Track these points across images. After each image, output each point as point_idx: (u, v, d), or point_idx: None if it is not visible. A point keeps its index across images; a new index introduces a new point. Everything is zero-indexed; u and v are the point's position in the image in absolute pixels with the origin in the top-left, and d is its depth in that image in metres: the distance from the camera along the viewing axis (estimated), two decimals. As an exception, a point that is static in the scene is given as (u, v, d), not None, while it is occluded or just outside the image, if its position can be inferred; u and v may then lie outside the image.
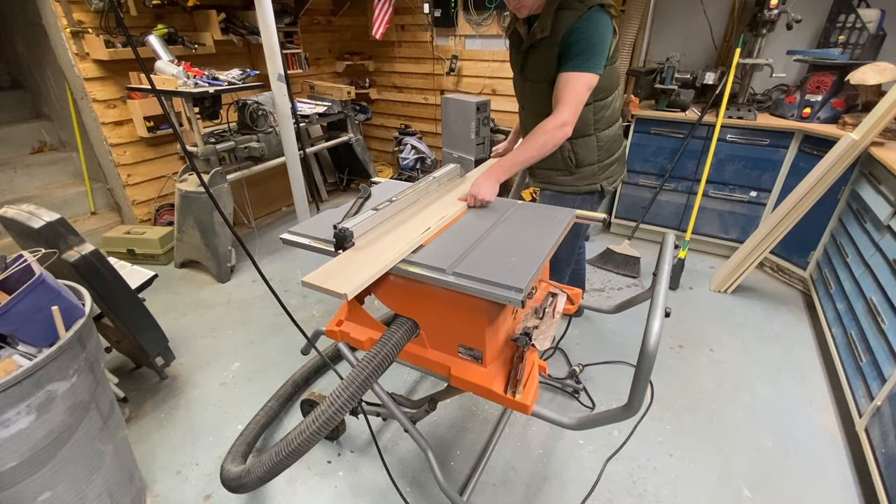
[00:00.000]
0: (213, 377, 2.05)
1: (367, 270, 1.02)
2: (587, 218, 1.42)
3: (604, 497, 1.54)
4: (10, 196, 2.88)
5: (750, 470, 1.63)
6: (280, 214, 3.83)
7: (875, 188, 2.03)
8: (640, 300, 1.37)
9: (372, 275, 1.01)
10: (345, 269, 1.04)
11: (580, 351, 2.19)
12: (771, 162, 2.67)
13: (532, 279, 0.99)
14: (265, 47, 2.25)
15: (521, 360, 1.04)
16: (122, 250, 2.90)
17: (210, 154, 2.65)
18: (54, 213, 1.49)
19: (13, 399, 1.00)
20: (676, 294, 2.67)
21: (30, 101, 3.32)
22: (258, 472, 1.05)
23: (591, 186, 1.67)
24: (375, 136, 4.75)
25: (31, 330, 1.10)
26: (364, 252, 1.11)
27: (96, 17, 2.63)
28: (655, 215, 3.13)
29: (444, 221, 1.30)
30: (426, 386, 2.03)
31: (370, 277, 1.00)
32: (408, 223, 1.27)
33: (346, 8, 4.07)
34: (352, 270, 1.03)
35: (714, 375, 2.06)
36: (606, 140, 1.64)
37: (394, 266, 1.07)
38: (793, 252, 2.67)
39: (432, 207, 1.40)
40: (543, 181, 1.75)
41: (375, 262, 1.05)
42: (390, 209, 1.27)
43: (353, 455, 1.69)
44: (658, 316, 0.81)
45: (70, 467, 1.16)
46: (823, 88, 2.52)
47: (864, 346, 1.75)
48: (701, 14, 2.98)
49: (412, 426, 1.25)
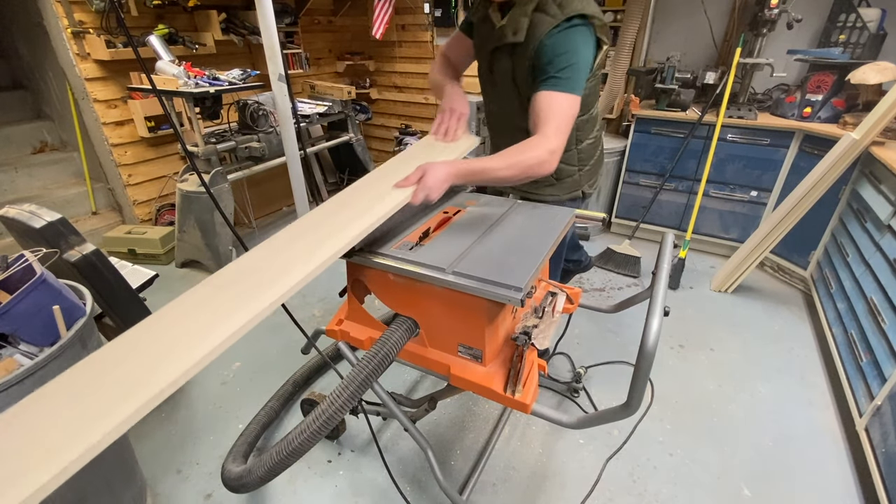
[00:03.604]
0: (213, 376, 2.05)
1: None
2: (586, 217, 1.42)
3: (604, 496, 1.54)
4: (11, 196, 2.89)
5: (750, 469, 1.63)
6: (280, 214, 3.84)
7: (875, 188, 2.03)
8: (639, 299, 1.37)
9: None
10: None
11: (580, 351, 2.19)
12: (771, 161, 2.67)
13: (532, 278, 0.99)
14: (266, 47, 2.25)
15: (521, 359, 1.05)
16: (123, 250, 2.91)
17: (211, 154, 2.66)
18: (55, 212, 1.49)
19: (14, 399, 1.00)
20: (677, 294, 2.66)
21: (31, 102, 3.32)
22: (259, 472, 1.05)
23: (573, 194, 1.55)
24: (376, 136, 4.75)
25: (32, 329, 1.11)
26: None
27: (97, 17, 2.64)
28: (656, 215, 3.13)
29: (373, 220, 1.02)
30: (426, 385, 2.03)
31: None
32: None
33: (347, 8, 4.07)
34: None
35: (714, 375, 2.06)
36: (586, 148, 1.52)
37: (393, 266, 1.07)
38: (793, 252, 2.67)
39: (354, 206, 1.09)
40: (520, 189, 1.57)
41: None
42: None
43: (353, 454, 1.69)
44: (657, 315, 0.81)
45: (71, 466, 1.16)
46: (824, 88, 2.52)
47: (865, 346, 1.75)
48: (701, 14, 2.98)
49: (412, 425, 1.25)
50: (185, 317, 0.77)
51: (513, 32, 1.20)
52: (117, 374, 0.64)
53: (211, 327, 0.72)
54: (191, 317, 0.76)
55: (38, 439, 0.56)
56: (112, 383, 0.62)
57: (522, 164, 1.12)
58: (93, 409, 0.59)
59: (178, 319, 0.76)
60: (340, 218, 1.02)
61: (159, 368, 0.64)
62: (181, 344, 0.69)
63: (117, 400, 0.60)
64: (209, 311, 0.77)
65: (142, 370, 0.65)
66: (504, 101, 1.39)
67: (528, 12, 1.17)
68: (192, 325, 0.74)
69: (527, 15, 1.18)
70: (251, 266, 0.87)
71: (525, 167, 1.13)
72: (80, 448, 0.54)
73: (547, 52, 1.16)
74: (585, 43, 1.17)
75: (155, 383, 0.61)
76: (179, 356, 0.66)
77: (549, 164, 1.13)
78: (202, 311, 0.77)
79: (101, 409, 0.58)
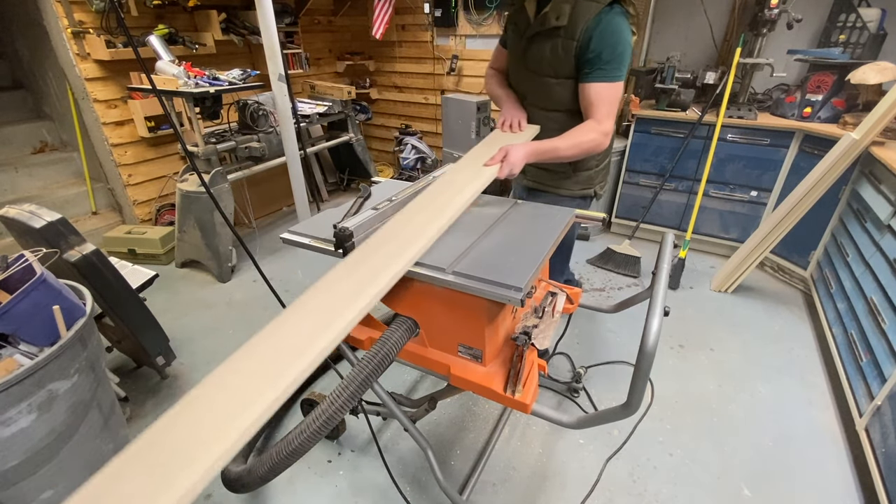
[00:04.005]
0: (213, 377, 2.05)
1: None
2: (586, 217, 1.42)
3: (604, 496, 1.54)
4: (11, 196, 2.89)
5: (750, 469, 1.63)
6: (280, 214, 3.84)
7: (875, 188, 2.03)
8: (639, 299, 1.37)
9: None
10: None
11: (580, 351, 2.19)
12: (771, 161, 2.67)
13: (531, 278, 0.99)
14: (266, 47, 2.25)
15: (521, 359, 1.05)
16: (123, 250, 2.91)
17: (211, 154, 2.66)
18: (55, 212, 1.49)
19: (15, 398, 1.01)
20: (677, 294, 2.67)
21: (31, 102, 3.32)
22: (259, 472, 1.05)
23: (586, 191, 1.63)
24: (376, 136, 4.75)
25: (32, 329, 1.11)
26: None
27: (97, 17, 2.64)
28: (656, 215, 3.13)
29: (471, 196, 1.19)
30: (426, 385, 2.03)
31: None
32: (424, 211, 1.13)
33: (347, 8, 4.07)
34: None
35: (714, 375, 2.06)
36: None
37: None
38: (793, 252, 2.67)
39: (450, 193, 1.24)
40: (536, 181, 1.65)
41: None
42: (390, 209, 1.27)
43: (353, 454, 1.69)
44: (657, 315, 0.81)
45: (71, 466, 1.16)
46: (824, 88, 2.52)
47: (865, 346, 1.75)
48: (701, 14, 2.98)
49: (412, 425, 1.25)
50: (337, 282, 0.87)
51: (556, 17, 1.31)
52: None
53: (373, 278, 0.86)
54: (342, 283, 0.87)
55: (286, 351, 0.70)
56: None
57: (583, 144, 1.35)
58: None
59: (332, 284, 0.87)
60: (451, 190, 1.20)
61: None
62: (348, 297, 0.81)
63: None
64: (365, 270, 0.89)
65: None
66: (534, 84, 1.49)
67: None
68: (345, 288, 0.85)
69: (569, 1, 1.30)
70: (385, 237, 1.01)
71: (585, 147, 1.36)
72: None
73: (593, 44, 1.28)
74: (626, 29, 1.30)
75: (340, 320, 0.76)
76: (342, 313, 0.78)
77: (604, 144, 1.37)
78: (359, 272, 0.89)
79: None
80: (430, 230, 1.02)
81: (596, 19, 1.27)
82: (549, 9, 1.32)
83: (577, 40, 1.30)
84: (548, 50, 1.37)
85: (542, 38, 1.37)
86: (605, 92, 1.33)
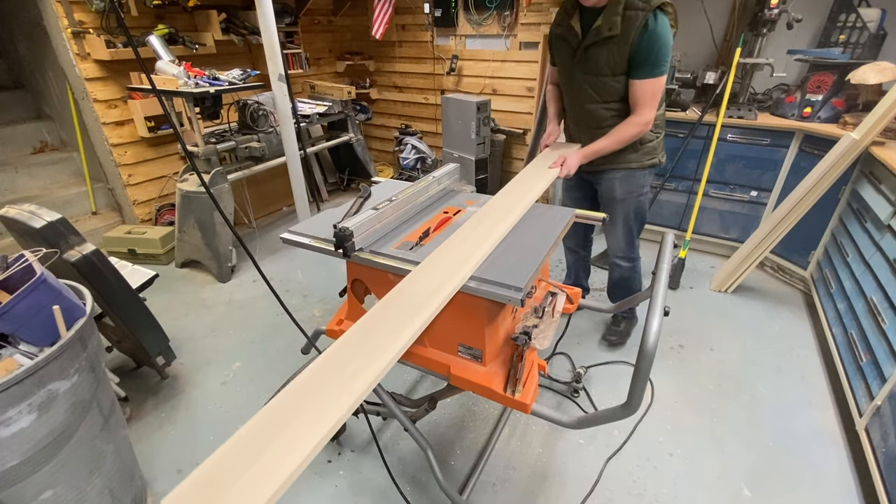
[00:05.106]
0: (213, 377, 2.05)
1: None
2: (587, 217, 1.42)
3: (604, 496, 1.54)
4: (11, 196, 2.89)
5: (750, 469, 1.63)
6: (281, 214, 3.84)
7: (875, 188, 2.03)
8: (639, 299, 1.37)
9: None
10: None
11: (580, 351, 2.19)
12: (771, 161, 2.67)
13: (531, 278, 0.99)
14: (266, 47, 2.25)
15: (521, 359, 1.05)
16: (123, 250, 2.91)
17: (211, 154, 2.66)
18: (55, 212, 1.49)
19: (14, 398, 1.01)
20: (677, 294, 2.67)
21: (31, 102, 3.32)
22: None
23: (653, 160, 1.82)
24: (376, 136, 4.75)
25: (32, 329, 1.11)
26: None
27: (97, 17, 2.64)
28: (656, 215, 3.13)
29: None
30: (426, 385, 2.03)
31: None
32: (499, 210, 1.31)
33: (347, 8, 4.07)
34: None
35: (714, 375, 2.06)
36: (659, 116, 1.77)
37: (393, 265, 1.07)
38: (793, 252, 2.67)
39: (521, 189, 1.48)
40: (609, 161, 1.81)
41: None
42: (390, 208, 1.27)
43: (353, 454, 1.69)
44: (657, 314, 0.81)
45: (71, 466, 1.16)
46: (824, 88, 2.52)
47: (865, 346, 1.75)
48: (701, 14, 2.98)
49: (412, 425, 1.26)
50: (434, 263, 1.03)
51: (608, 28, 1.53)
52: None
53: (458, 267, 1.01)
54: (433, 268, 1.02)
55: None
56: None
57: (624, 138, 1.68)
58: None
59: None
60: (522, 188, 1.49)
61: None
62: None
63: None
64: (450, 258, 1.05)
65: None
66: (593, 83, 1.71)
67: (619, 10, 1.51)
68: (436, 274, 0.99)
69: (618, 13, 1.51)
70: (460, 237, 1.15)
71: (626, 140, 1.68)
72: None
73: (643, 48, 1.52)
74: (669, 31, 1.53)
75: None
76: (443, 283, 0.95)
77: (644, 131, 1.66)
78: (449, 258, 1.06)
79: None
80: (512, 213, 1.27)
81: (644, 26, 1.49)
82: (601, 22, 1.54)
83: (630, 45, 1.52)
84: (606, 55, 1.60)
85: (598, 45, 1.60)
86: (650, 87, 1.58)
